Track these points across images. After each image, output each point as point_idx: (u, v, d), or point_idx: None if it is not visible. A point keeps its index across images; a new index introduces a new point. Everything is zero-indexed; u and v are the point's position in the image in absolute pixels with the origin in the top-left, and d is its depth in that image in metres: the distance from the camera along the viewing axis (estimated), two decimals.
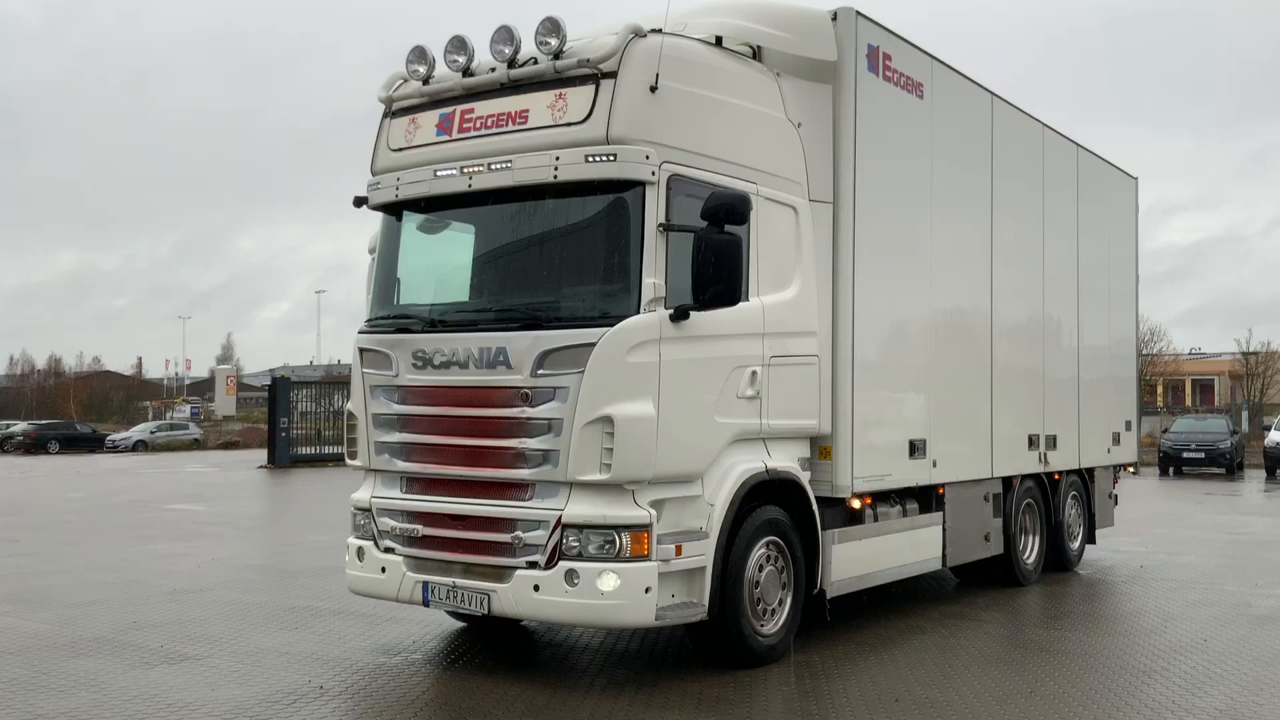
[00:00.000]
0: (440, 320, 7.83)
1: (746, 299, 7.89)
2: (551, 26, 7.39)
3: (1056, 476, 12.54)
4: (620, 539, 7.02)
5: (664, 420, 7.16)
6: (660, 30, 7.92)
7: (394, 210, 8.22)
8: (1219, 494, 26.09)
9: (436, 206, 8.02)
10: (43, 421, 61.18)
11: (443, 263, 8.22)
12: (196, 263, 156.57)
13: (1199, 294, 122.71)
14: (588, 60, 7.28)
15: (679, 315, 7.22)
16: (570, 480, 7.11)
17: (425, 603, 7.67)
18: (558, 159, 7.27)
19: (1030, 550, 12.18)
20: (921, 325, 9.84)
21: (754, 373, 7.87)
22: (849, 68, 8.84)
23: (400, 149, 8.11)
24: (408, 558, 7.79)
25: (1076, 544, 13.22)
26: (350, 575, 8.20)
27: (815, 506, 8.41)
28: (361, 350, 8.12)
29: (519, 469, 7.29)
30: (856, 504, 8.94)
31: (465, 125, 7.77)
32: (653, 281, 7.16)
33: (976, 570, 11.61)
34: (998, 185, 11.12)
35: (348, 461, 8.35)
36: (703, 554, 7.40)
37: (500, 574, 7.31)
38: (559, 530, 7.10)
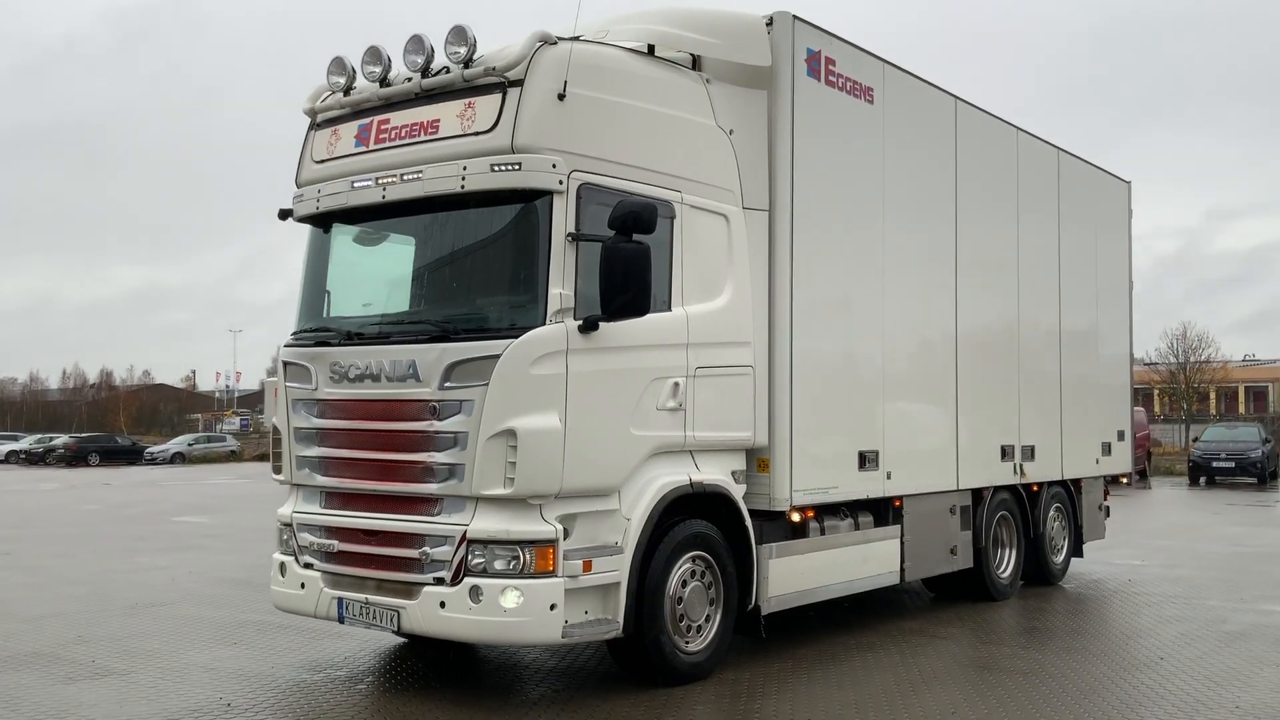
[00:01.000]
0: (358, 333, 7.75)
1: (669, 309, 7.77)
2: (459, 35, 7.30)
3: (1035, 488, 12.24)
4: (524, 555, 6.89)
5: (572, 433, 7.02)
6: (579, 38, 7.86)
7: (316, 222, 8.17)
8: (1241, 504, 25.44)
9: (355, 218, 7.96)
10: (84, 434, 62.14)
11: (362, 275, 8.16)
12: (257, 278, 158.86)
13: (1258, 300, 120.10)
14: (494, 69, 7.18)
15: (588, 326, 7.08)
16: (475, 495, 6.99)
17: (341, 619, 7.59)
18: (465, 169, 7.18)
19: (1006, 564, 11.89)
20: (873, 334, 9.62)
21: (676, 384, 7.71)
22: (785, 73, 8.67)
23: (322, 160, 8.06)
24: (325, 573, 7.72)
25: (1060, 558, 12.89)
26: (273, 591, 8.15)
27: (748, 520, 8.23)
28: (285, 364, 8.07)
29: (427, 483, 7.19)
30: (796, 517, 8.74)
31: (381, 136, 7.70)
32: (559, 292, 7.03)
33: (949, 584, 11.39)
34: (964, 190, 10.88)
35: (272, 476, 8.29)
36: (616, 570, 7.25)
37: (409, 590, 7.20)
38: (464, 546, 6.99)
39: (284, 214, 8.29)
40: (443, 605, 7.02)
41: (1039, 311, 12.26)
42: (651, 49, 8.47)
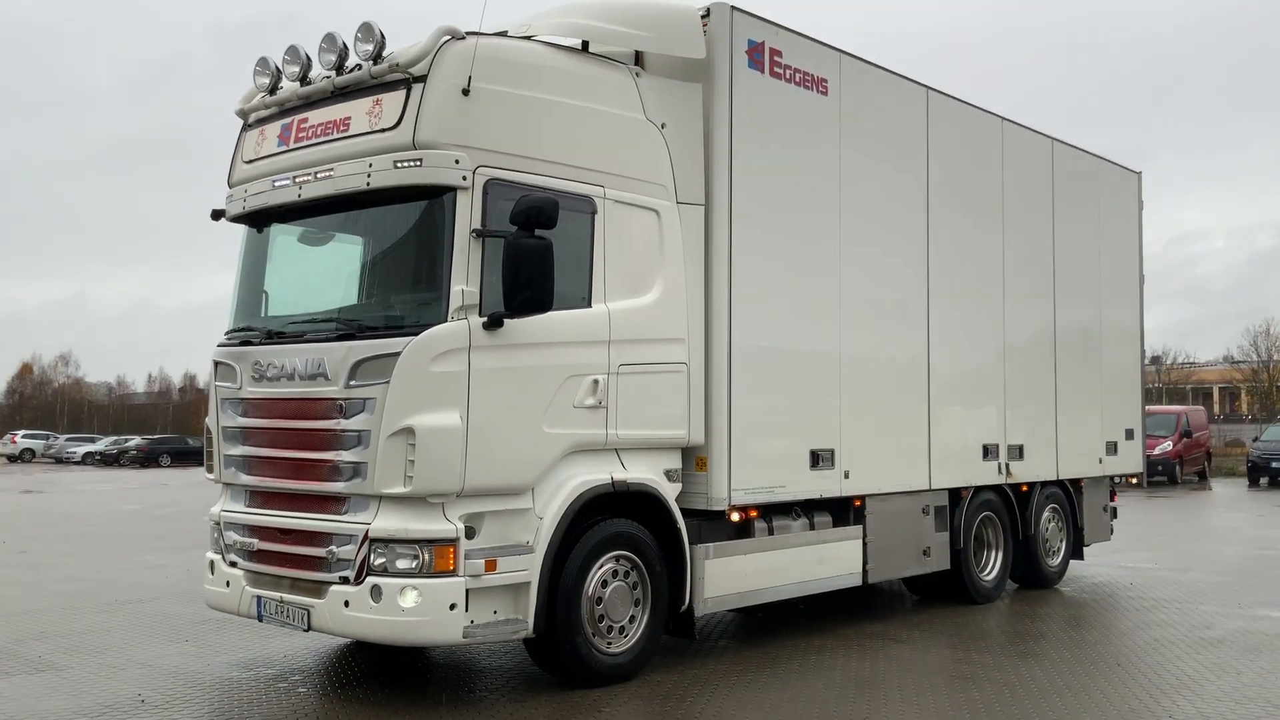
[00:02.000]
0: (278, 333, 7.77)
1: (588, 305, 7.67)
2: (367, 32, 7.28)
3: (1025, 488, 11.89)
4: (424, 554, 6.84)
5: (476, 431, 6.95)
6: (505, 33, 7.80)
7: (246, 222, 8.21)
8: None
9: (277, 217, 7.98)
10: (155, 436, 63.65)
11: (287, 274, 8.16)
12: None
13: None
14: (398, 65, 7.15)
15: (493, 323, 7.01)
16: (377, 493, 6.96)
17: (260, 618, 7.61)
18: (371, 166, 7.16)
19: (991, 566, 11.58)
20: (828, 330, 9.41)
21: (595, 381, 7.60)
22: (722, 65, 8.51)
23: (250, 160, 8.10)
24: (246, 572, 7.75)
25: (1057, 560, 12.51)
26: (205, 589, 8.20)
27: (679, 520, 8.09)
28: (215, 363, 8.12)
29: (335, 482, 7.17)
30: (736, 517, 8.57)
31: (300, 135, 7.71)
32: (462, 289, 6.97)
33: (929, 586, 11.12)
34: (935, 181, 10.60)
35: (205, 475, 8.35)
36: (526, 569, 7.16)
37: (318, 589, 7.20)
38: (366, 545, 6.96)
39: (216, 214, 8.35)
40: (347, 604, 7.00)
41: (1028, 308, 11.91)
42: (586, 45, 8.38)
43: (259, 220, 8.10)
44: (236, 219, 8.21)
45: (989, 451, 11.25)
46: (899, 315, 10.24)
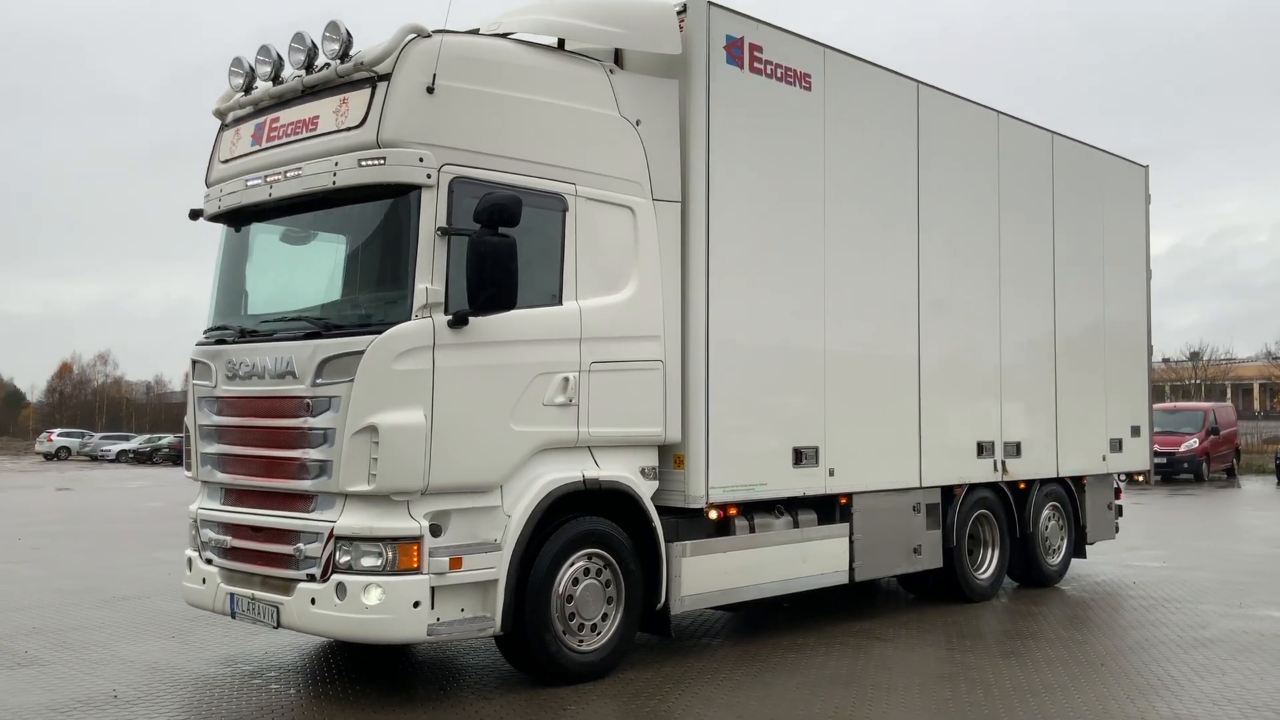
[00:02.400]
0: (252, 331, 7.82)
1: (559, 303, 7.66)
2: (334, 30, 7.31)
3: (1022, 486, 11.77)
4: (387, 552, 6.86)
5: (440, 429, 6.96)
6: (477, 31, 7.80)
7: (222, 221, 8.25)
8: None
9: (251, 216, 8.02)
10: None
11: (261, 273, 8.19)
12: None
13: None
14: (363, 64, 7.17)
15: (458, 321, 7.01)
16: (342, 491, 6.98)
17: (233, 615, 7.66)
18: (336, 164, 7.18)
19: (987, 564, 11.47)
20: (812, 327, 9.34)
21: (566, 379, 7.59)
22: (699, 61, 8.46)
23: (226, 160, 8.14)
24: (221, 569, 7.80)
25: (1057, 559, 12.37)
26: (183, 586, 8.26)
27: (654, 518, 8.06)
28: (193, 362, 8.18)
29: (303, 480, 7.20)
30: (714, 515, 8.52)
31: (272, 134, 7.75)
32: (426, 287, 6.97)
33: (924, 584, 11.03)
34: (926, 174, 10.51)
35: (184, 474, 8.41)
36: (494, 567, 7.17)
37: (287, 587, 7.23)
38: (332, 542, 6.98)
39: (194, 214, 8.41)
40: (313, 602, 7.02)
41: (1026, 304, 11.78)
42: (562, 43, 8.38)
43: (234, 219, 8.14)
44: (213, 218, 8.26)
45: (984, 449, 11.14)
46: (888, 312, 10.16)
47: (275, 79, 7.79)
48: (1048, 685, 7.69)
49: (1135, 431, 13.55)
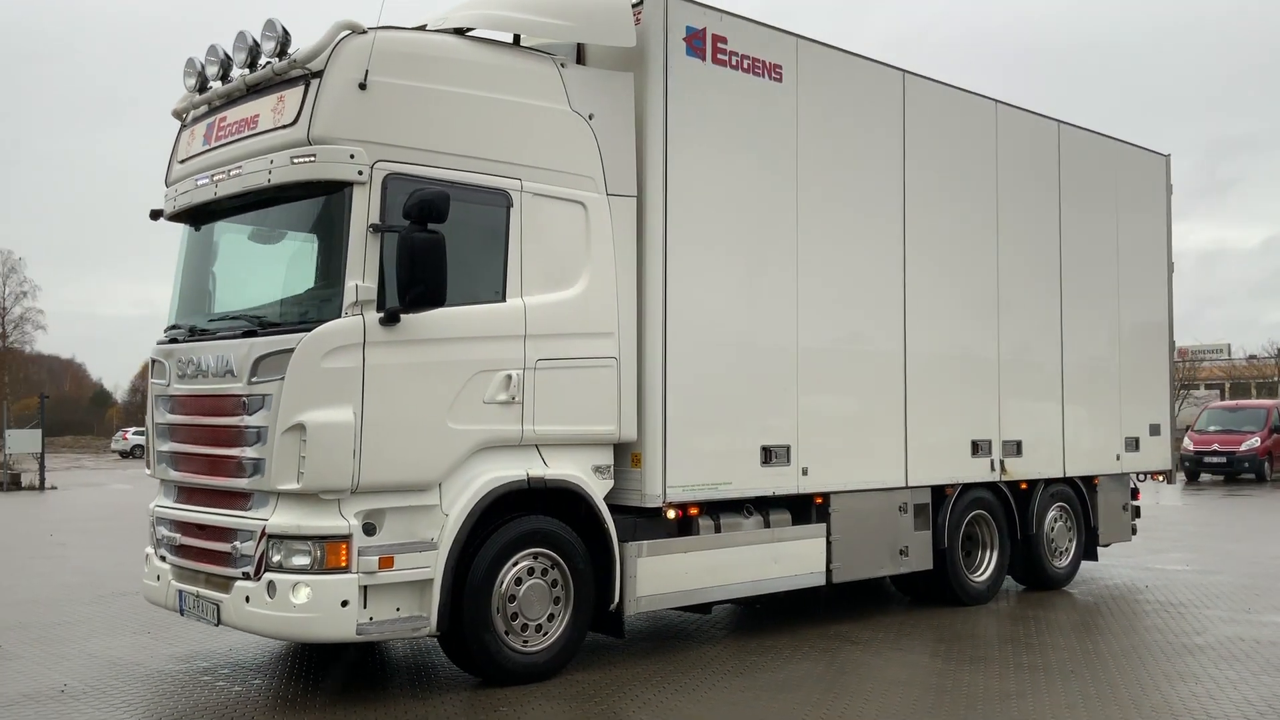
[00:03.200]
0: (202, 330, 7.85)
1: (503, 299, 7.58)
2: (270, 29, 7.31)
3: (1024, 486, 11.43)
4: (316, 550, 6.83)
5: (371, 427, 6.92)
6: (424, 26, 7.75)
7: (178, 220, 8.30)
8: None
9: (203, 216, 8.05)
10: None
11: (214, 272, 8.20)
12: None
13: None
14: (297, 61, 7.16)
15: (389, 319, 6.97)
16: (273, 490, 6.98)
17: (181, 612, 7.70)
18: (272, 162, 7.18)
19: (985, 566, 11.16)
20: (784, 323, 9.13)
21: (509, 376, 7.50)
22: (655, 53, 8.32)
23: (183, 160, 8.19)
24: (172, 566, 7.85)
25: (1064, 561, 11.99)
26: (142, 582, 8.33)
27: (606, 517, 7.94)
28: (151, 360, 8.24)
29: (240, 478, 7.21)
30: (672, 515, 8.38)
31: (220, 133, 7.77)
32: (356, 284, 6.93)
33: (919, 587, 10.77)
34: (913, 167, 10.25)
35: (145, 471, 8.49)
36: (428, 566, 7.11)
37: (226, 585, 7.25)
38: (264, 541, 6.98)
39: (154, 214, 8.47)
40: (248, 600, 7.03)
41: (1027, 299, 11.45)
42: (518, 39, 8.31)
43: (189, 219, 8.19)
44: (171, 218, 8.32)
45: (980, 448, 10.84)
46: (870, 308, 9.92)
47: (224, 78, 7.81)
48: (1005, 692, 7.43)
49: (1155, 430, 13.10)
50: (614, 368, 8.07)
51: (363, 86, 7.07)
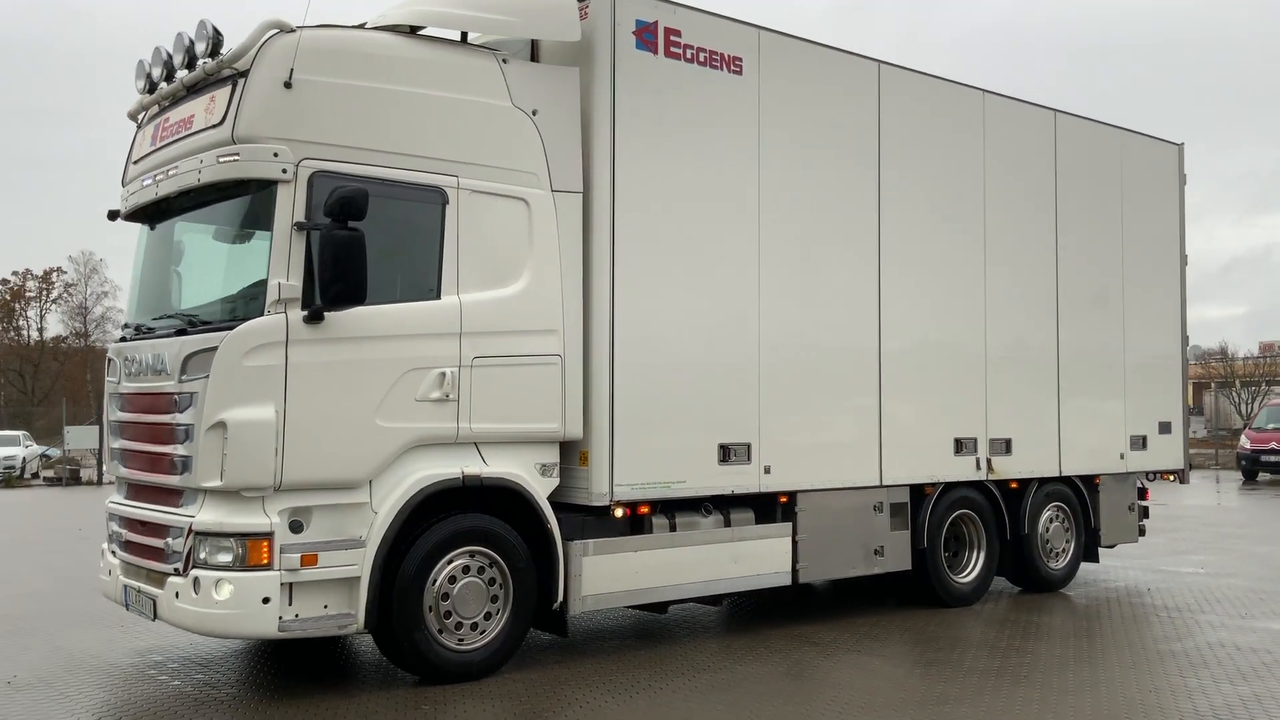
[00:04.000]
0: (148, 328, 7.95)
1: (437, 297, 7.57)
2: (201, 30, 7.37)
3: (1014, 485, 11.15)
4: (237, 547, 6.88)
5: (294, 426, 6.94)
6: (363, 25, 7.76)
7: (131, 220, 8.41)
8: None
9: (151, 215, 8.14)
10: None
11: (160, 271, 8.28)
12: None
13: None
14: (225, 61, 7.21)
15: (313, 317, 6.99)
16: (199, 487, 7.04)
17: (126, 606, 7.81)
18: (201, 161, 7.24)
19: (971, 567, 10.91)
20: (744, 321, 8.99)
21: (443, 374, 7.48)
22: (603, 48, 8.24)
23: (136, 161, 8.30)
24: (121, 562, 7.97)
25: (1061, 563, 11.67)
26: (98, 577, 8.46)
27: (548, 515, 7.90)
28: (107, 359, 8.38)
29: (172, 475, 7.29)
30: (620, 513, 8.29)
31: (164, 134, 7.86)
32: (279, 282, 6.97)
33: (907, 588, 10.56)
34: (889, 159, 10.04)
35: (104, 469, 8.62)
36: (355, 564, 7.12)
37: (161, 580, 7.33)
38: (191, 537, 7.04)
39: (112, 215, 8.61)
40: (177, 595, 7.10)
41: (1017, 293, 11.15)
42: (465, 36, 8.29)
43: (142, 218, 8.30)
44: (125, 218, 8.44)
45: (964, 446, 10.60)
46: (841, 304, 9.72)
47: (169, 79, 7.89)
48: (943, 697, 7.24)
49: (1165, 428, 12.70)
50: (558, 365, 8.02)
51: (288, 85, 7.09)
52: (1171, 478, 12.99)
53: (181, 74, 7.67)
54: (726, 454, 8.84)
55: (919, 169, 10.36)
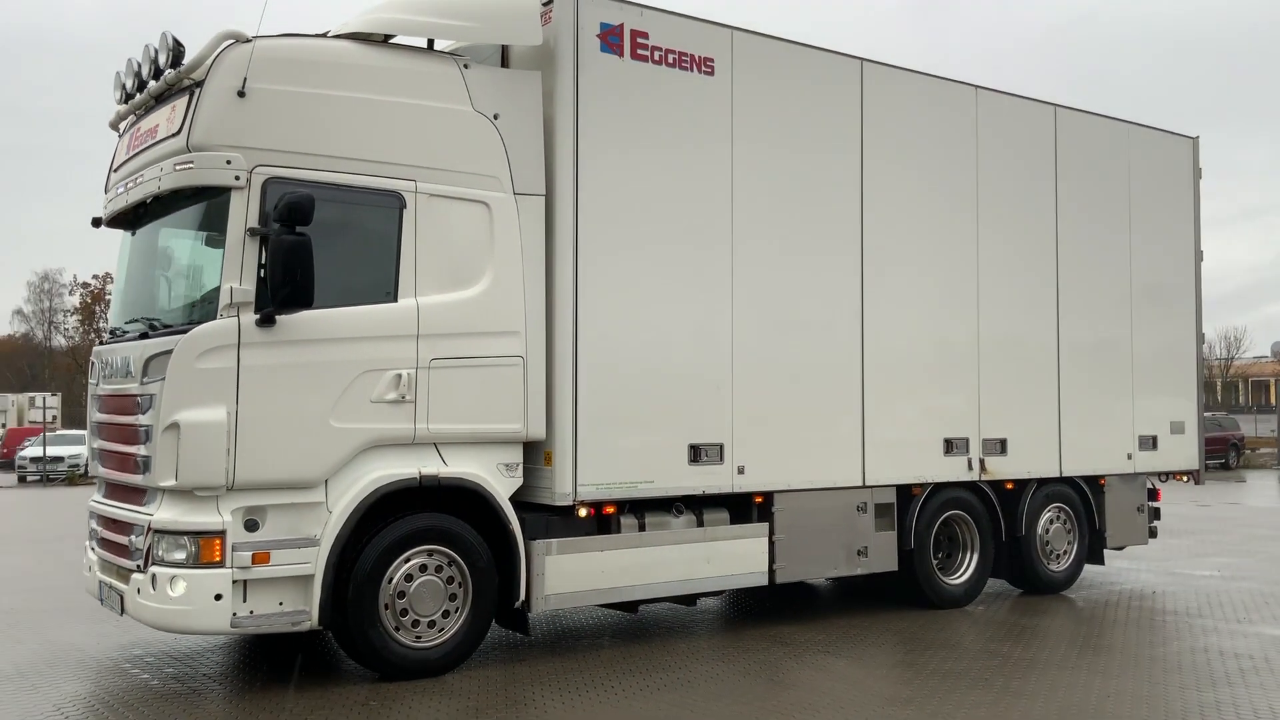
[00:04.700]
0: (122, 331, 8.19)
1: (394, 300, 7.69)
2: (163, 42, 7.58)
3: (1010, 486, 11.01)
4: (190, 545, 7.06)
5: (246, 426, 7.11)
6: (326, 34, 7.92)
7: (112, 226, 8.66)
8: None
9: (127, 222, 8.38)
10: None
11: (135, 276, 8.50)
12: None
13: None
14: (183, 72, 7.40)
15: (265, 320, 7.15)
16: (157, 486, 7.24)
17: (101, 601, 8.05)
18: (162, 170, 7.45)
19: (963, 568, 10.79)
20: (716, 321, 8.98)
21: (399, 376, 7.60)
22: (565, 51, 8.30)
23: (115, 168, 8.55)
24: (98, 558, 8.21)
25: (1062, 565, 11.50)
26: (83, 574, 8.73)
27: (509, 515, 7.98)
28: (90, 361, 8.64)
29: (136, 474, 7.51)
30: (584, 513, 8.35)
31: (136, 142, 8.09)
32: (232, 287, 7.14)
33: (900, 588, 10.48)
34: (872, 156, 9.98)
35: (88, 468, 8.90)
36: (308, 562, 7.27)
37: (127, 577, 7.55)
38: (150, 535, 7.25)
39: (95, 222, 8.85)
40: (139, 592, 7.31)
41: (1014, 291, 11.01)
42: (431, 43, 8.41)
43: (122, 225, 8.54)
44: (107, 224, 8.69)
45: (954, 446, 10.48)
46: (818, 303, 9.67)
47: (140, 89, 8.12)
48: (895, 699, 7.20)
49: (1177, 428, 12.45)
50: (519, 366, 8.09)
51: (241, 94, 7.26)
52: (1185, 478, 12.72)
53: (150, 84, 7.88)
54: (697, 454, 8.85)
55: (906, 164, 10.27)
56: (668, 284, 8.78)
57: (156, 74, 7.77)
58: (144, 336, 7.58)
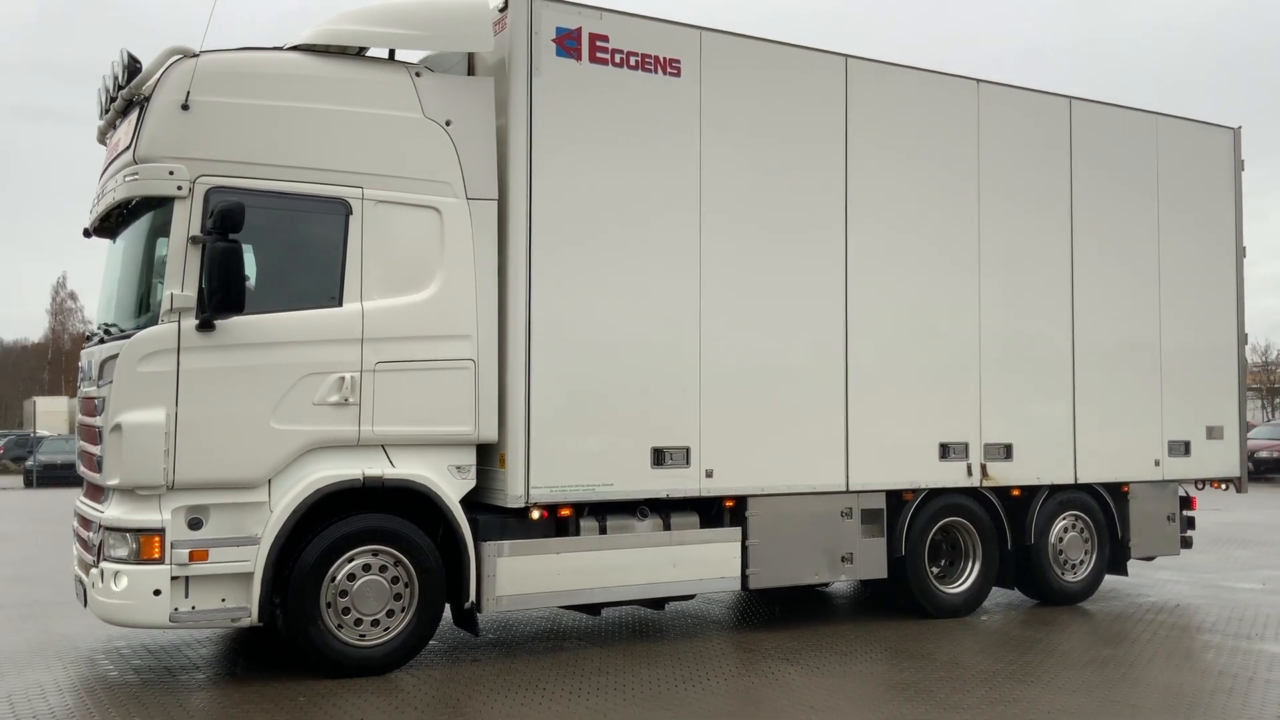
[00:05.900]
0: (98, 336, 8.54)
1: (339, 304, 7.86)
2: (119, 59, 7.89)
3: (1016, 493, 10.64)
4: (132, 542, 7.34)
5: (186, 428, 7.36)
6: (280, 47, 8.15)
7: (98, 235, 9.00)
8: None
9: (107, 230, 8.72)
10: None
11: (108, 281, 8.81)
12: None
13: None
14: (134, 87, 7.70)
15: (204, 325, 7.39)
16: (106, 484, 7.54)
17: (76, 595, 8.41)
18: (117, 182, 7.77)
19: (965, 577, 10.47)
20: (682, 322, 8.90)
21: (343, 379, 7.76)
22: (519, 56, 8.35)
23: (99, 180, 8.92)
24: (77, 554, 8.58)
25: (1078, 575, 11.06)
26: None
27: (457, 516, 8.07)
28: (79, 365, 9.04)
29: (96, 474, 7.83)
30: (536, 515, 8.37)
31: (109, 154, 8.46)
32: (172, 293, 7.39)
33: (901, 597, 10.24)
34: (857, 153, 9.77)
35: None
36: (247, 560, 7.48)
37: (88, 571, 7.88)
38: (102, 532, 7.55)
39: (86, 232, 9.24)
40: (94, 586, 7.63)
41: (1024, 291, 10.64)
42: (393, 53, 8.54)
43: (102, 234, 8.90)
44: (96, 234, 9.06)
45: (950, 450, 10.19)
46: (795, 303, 9.49)
47: (114, 102, 8.46)
48: (828, 707, 7.04)
49: (1214, 433, 11.86)
50: (470, 369, 8.18)
51: (185, 107, 7.52)
52: (1223, 486, 12.11)
53: (115, 101, 8.22)
54: (661, 457, 8.80)
55: (897, 162, 10.03)
56: (629, 284, 8.74)
57: (121, 90, 8.11)
58: (102, 341, 7.91)
